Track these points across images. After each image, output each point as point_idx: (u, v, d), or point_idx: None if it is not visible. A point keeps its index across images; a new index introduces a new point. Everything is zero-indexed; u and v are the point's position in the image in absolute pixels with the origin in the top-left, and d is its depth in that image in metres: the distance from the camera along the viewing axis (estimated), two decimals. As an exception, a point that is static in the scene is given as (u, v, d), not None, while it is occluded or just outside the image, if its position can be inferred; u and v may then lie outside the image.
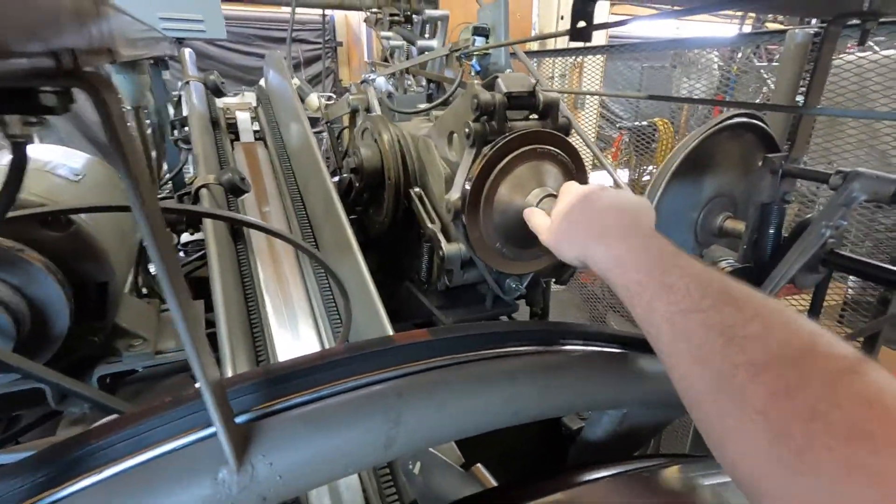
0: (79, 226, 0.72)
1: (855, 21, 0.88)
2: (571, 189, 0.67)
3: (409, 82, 1.83)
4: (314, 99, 1.86)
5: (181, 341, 0.35)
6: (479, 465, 0.74)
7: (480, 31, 1.28)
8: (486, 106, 0.88)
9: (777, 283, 0.88)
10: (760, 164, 0.95)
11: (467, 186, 0.90)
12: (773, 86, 3.11)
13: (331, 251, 1.19)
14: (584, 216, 0.61)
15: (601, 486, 0.50)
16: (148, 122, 1.49)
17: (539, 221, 0.74)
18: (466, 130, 0.91)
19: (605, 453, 0.67)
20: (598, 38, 4.67)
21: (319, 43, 5.05)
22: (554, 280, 1.30)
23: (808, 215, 0.91)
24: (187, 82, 1.40)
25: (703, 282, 0.43)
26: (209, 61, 5.41)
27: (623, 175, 4.60)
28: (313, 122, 2.16)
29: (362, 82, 1.66)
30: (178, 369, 1.05)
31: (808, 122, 0.96)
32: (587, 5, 0.74)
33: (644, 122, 4.23)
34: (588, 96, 4.23)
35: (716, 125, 1.00)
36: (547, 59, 4.00)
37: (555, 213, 0.67)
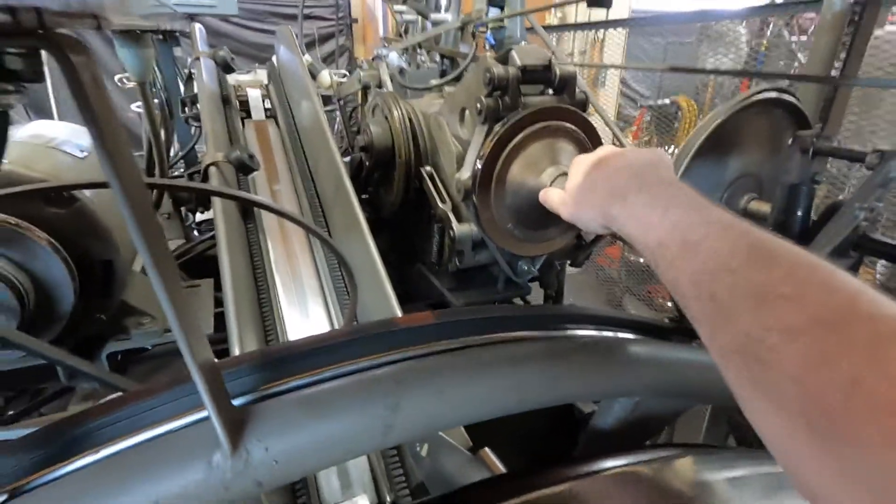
0: (82, 203, 0.71)
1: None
2: (582, 159, 0.64)
3: (423, 58, 1.78)
4: (326, 76, 1.82)
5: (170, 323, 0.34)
6: (486, 448, 0.73)
7: (495, 2, 1.23)
8: (498, 80, 0.84)
9: (803, 269, 0.83)
10: (790, 142, 0.90)
11: (478, 165, 0.87)
12: (804, 61, 2.97)
13: (340, 231, 1.17)
14: (599, 179, 0.58)
15: (610, 479, 0.48)
16: (156, 100, 1.48)
17: (556, 198, 0.71)
18: (478, 106, 0.87)
19: (616, 442, 0.65)
20: (621, 11, 4.50)
21: (334, 20, 4.98)
22: (569, 262, 1.27)
23: (840, 197, 0.86)
24: (197, 58, 1.39)
25: (731, 238, 0.39)
26: (223, 38, 5.37)
27: (643, 155, 4.46)
28: (326, 99, 2.13)
29: (374, 58, 1.62)
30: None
31: (844, 97, 0.90)
32: (607, -31, 0.69)
33: (666, 101, 4.08)
34: (609, 74, 4.10)
35: (743, 100, 0.94)
36: (566, 35, 3.87)
37: (569, 186, 0.64)
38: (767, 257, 0.36)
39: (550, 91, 0.92)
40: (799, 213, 0.90)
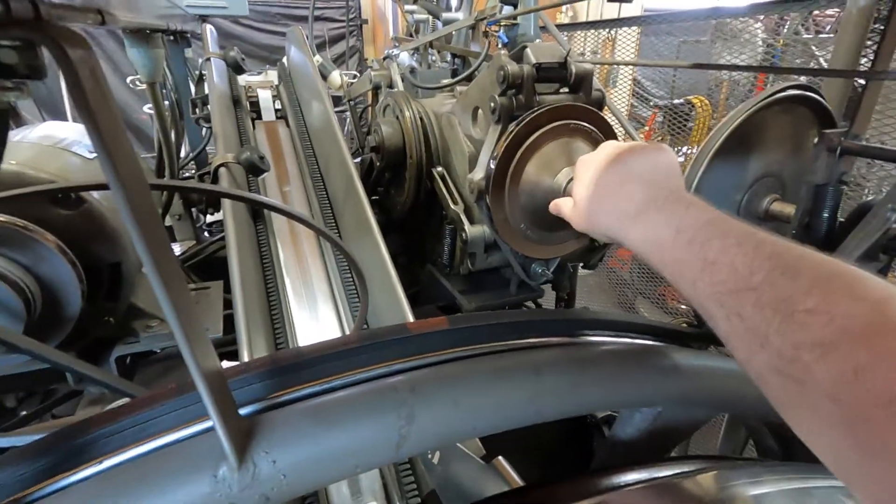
0: (90, 204, 0.70)
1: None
2: (588, 161, 0.61)
3: (434, 58, 1.77)
4: (336, 76, 1.82)
5: (173, 331, 0.32)
6: (500, 457, 0.71)
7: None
8: (513, 78, 0.82)
9: (830, 272, 0.79)
10: (816, 140, 0.86)
11: (492, 165, 0.84)
12: (822, 61, 2.90)
13: (351, 233, 1.16)
14: (606, 194, 0.56)
15: (637, 493, 0.46)
16: (167, 101, 1.47)
17: (567, 209, 0.68)
18: (492, 105, 0.85)
19: (637, 453, 0.62)
20: (633, 9, 4.45)
21: (344, 21, 4.99)
22: (582, 264, 1.25)
23: (870, 198, 0.83)
24: (208, 59, 1.38)
25: (749, 252, 0.38)
26: (234, 40, 5.41)
27: (656, 156, 4.41)
28: (336, 100, 2.12)
29: (385, 58, 1.60)
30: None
31: (874, 94, 0.86)
32: (627, -38, 0.66)
33: (679, 100, 4.03)
34: (620, 74, 4.06)
35: (766, 98, 0.91)
36: (577, 34, 3.83)
37: (576, 194, 0.61)
38: (789, 269, 0.35)
39: (566, 89, 0.90)
40: (825, 215, 0.87)
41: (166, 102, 1.54)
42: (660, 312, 3.28)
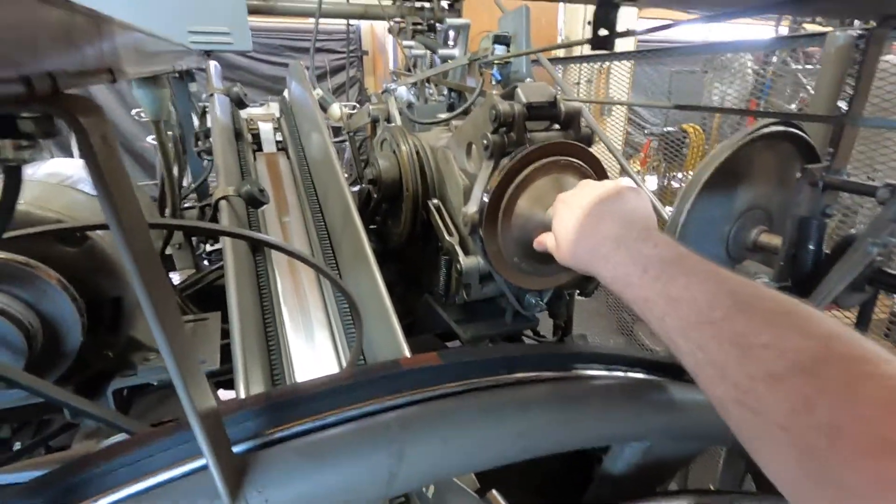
0: (93, 241, 0.72)
1: (904, 22, 0.82)
2: (567, 200, 0.65)
3: (431, 91, 1.82)
4: (336, 109, 1.87)
5: (169, 371, 0.34)
6: (494, 491, 0.71)
7: (501, 40, 1.26)
8: (504, 117, 0.85)
9: (819, 304, 0.81)
10: (799, 175, 0.89)
11: (485, 199, 0.87)
12: (811, 90, 2.98)
13: (348, 263, 1.17)
14: (581, 235, 0.59)
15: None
16: (170, 132, 1.51)
17: (550, 244, 0.71)
18: (484, 142, 0.88)
19: (627, 488, 0.63)
20: (627, 42, 4.59)
21: (345, 52, 5.13)
22: (578, 292, 1.26)
23: (852, 230, 0.85)
24: (212, 95, 1.43)
25: (711, 289, 0.41)
26: (238, 72, 5.56)
27: (651, 182, 4.49)
28: (336, 131, 2.17)
29: (383, 92, 1.65)
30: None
31: (853, 131, 0.90)
32: (609, 12, 0.70)
33: (674, 128, 4.12)
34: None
35: (751, 134, 0.94)
36: (573, 64, 3.94)
37: (556, 235, 0.65)
38: (746, 305, 0.38)
39: (556, 126, 0.93)
40: (811, 247, 0.89)
41: (170, 133, 1.58)
42: (657, 339, 3.27)
